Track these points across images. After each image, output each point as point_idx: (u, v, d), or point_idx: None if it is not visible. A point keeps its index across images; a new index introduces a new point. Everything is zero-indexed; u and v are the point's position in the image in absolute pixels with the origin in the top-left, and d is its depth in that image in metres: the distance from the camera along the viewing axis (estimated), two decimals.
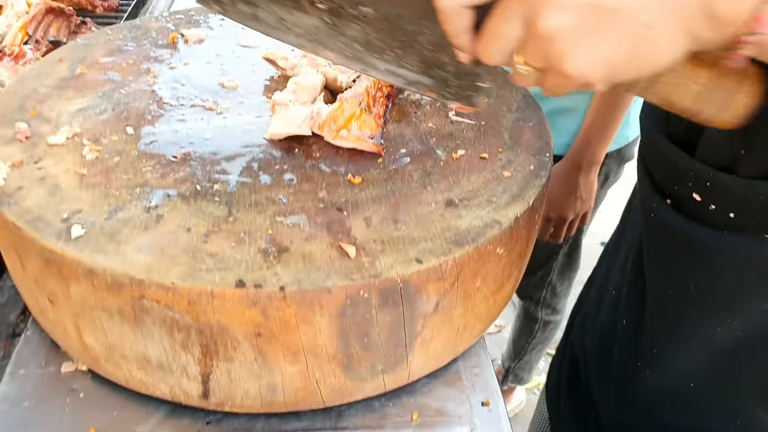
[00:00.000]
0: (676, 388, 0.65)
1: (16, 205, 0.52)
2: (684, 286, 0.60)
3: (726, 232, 0.54)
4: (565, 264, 1.31)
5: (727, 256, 0.55)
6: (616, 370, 0.73)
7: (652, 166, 0.63)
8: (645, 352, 0.67)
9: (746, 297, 0.56)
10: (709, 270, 0.57)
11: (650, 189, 0.62)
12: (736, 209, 0.53)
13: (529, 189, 0.58)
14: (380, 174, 0.59)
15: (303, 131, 0.60)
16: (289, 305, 0.46)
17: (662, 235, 0.62)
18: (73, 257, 0.47)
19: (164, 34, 0.81)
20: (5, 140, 0.59)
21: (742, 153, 0.51)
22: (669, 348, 0.64)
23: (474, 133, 0.66)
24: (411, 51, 0.52)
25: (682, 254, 0.59)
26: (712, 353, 0.60)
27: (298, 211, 0.54)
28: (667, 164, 0.59)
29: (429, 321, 0.52)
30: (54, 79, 0.70)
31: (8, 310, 0.67)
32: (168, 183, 0.55)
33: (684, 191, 0.57)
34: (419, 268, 0.48)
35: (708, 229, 0.55)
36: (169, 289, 0.46)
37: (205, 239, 0.50)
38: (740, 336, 0.58)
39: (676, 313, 0.62)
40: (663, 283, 0.63)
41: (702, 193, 0.55)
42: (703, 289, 0.58)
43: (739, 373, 0.60)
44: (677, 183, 0.58)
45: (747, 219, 0.53)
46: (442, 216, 0.54)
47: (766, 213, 0.51)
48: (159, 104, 0.67)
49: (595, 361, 0.79)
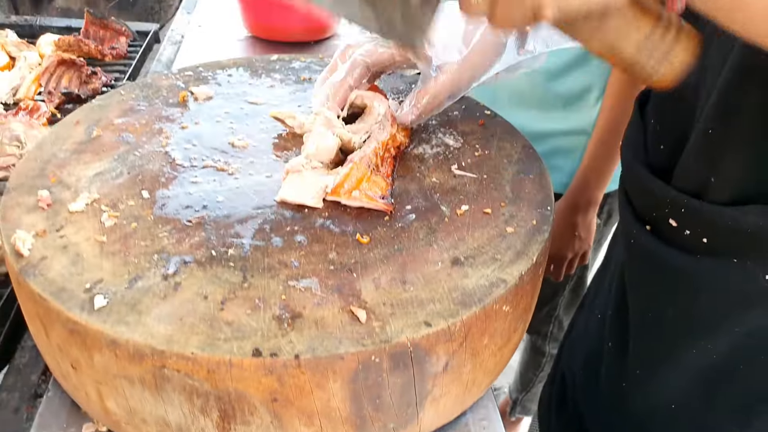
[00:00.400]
0: (659, 409, 0.68)
1: (41, 276, 0.54)
2: (662, 310, 0.63)
3: (700, 257, 0.57)
4: (571, 299, 1.33)
5: (701, 281, 0.58)
6: (603, 391, 0.76)
7: (632, 194, 0.67)
8: (630, 374, 0.70)
9: (719, 321, 0.59)
10: (685, 294, 0.60)
11: (631, 217, 0.65)
12: (708, 234, 0.56)
13: (532, 245, 0.60)
14: (387, 232, 0.61)
15: (316, 204, 0.63)
16: (304, 372, 0.48)
17: (642, 261, 0.65)
18: (96, 328, 0.50)
19: (174, 92, 0.84)
20: (28, 208, 0.62)
21: (711, 180, 0.55)
22: (651, 370, 0.67)
23: (476, 186, 0.69)
24: None
25: (660, 279, 0.62)
26: (690, 375, 0.63)
27: (309, 274, 0.56)
28: (645, 192, 0.63)
29: (439, 380, 0.54)
30: (72, 143, 0.72)
31: (30, 370, 0.69)
32: (184, 249, 0.58)
33: (662, 217, 0.60)
34: (428, 331, 0.50)
35: (684, 254, 0.59)
36: (189, 359, 0.48)
37: (221, 306, 0.52)
38: (715, 359, 0.60)
39: (656, 337, 0.65)
40: (643, 307, 0.66)
41: (677, 219, 0.58)
42: (679, 313, 0.61)
43: (716, 394, 0.62)
44: (655, 210, 0.61)
45: (718, 244, 0.56)
46: (449, 275, 0.56)
47: (735, 238, 0.54)
48: (172, 166, 0.69)
49: (584, 382, 0.82)
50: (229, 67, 0.91)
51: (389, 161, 0.67)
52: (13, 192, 0.64)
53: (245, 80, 0.88)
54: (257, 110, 0.81)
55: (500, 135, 0.78)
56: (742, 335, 0.58)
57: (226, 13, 1.58)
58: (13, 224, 0.60)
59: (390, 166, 0.67)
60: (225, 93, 0.85)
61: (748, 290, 0.56)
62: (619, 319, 0.72)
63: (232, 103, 0.82)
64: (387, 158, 0.67)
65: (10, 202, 0.63)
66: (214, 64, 0.93)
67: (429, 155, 0.73)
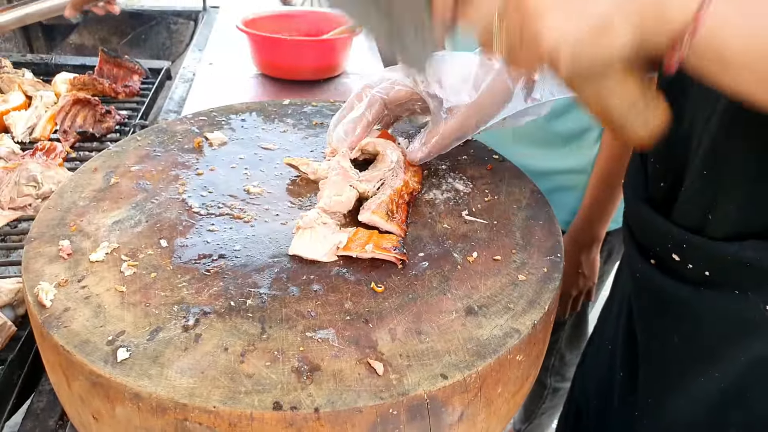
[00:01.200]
0: None
1: (64, 328, 0.55)
2: (669, 339, 0.65)
3: (703, 289, 0.60)
4: (573, 334, 1.34)
5: (704, 311, 0.61)
6: (615, 419, 0.78)
7: (635, 230, 0.70)
8: (640, 402, 0.72)
9: (724, 349, 0.60)
10: (689, 324, 0.62)
11: (635, 252, 0.68)
12: (709, 268, 0.59)
13: (544, 293, 0.61)
14: (401, 281, 0.63)
15: (328, 259, 0.64)
16: (323, 425, 0.49)
17: (648, 293, 0.68)
18: (119, 381, 0.51)
19: (189, 137, 0.86)
20: (50, 258, 0.63)
21: (709, 218, 0.57)
22: (661, 398, 0.69)
23: (487, 233, 0.70)
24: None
25: (666, 309, 0.65)
26: (699, 403, 0.65)
27: (326, 324, 0.57)
28: (648, 229, 0.66)
29: (454, 430, 0.54)
30: (90, 191, 0.74)
31: (47, 415, 0.69)
32: (203, 299, 0.59)
33: (664, 252, 0.63)
34: (445, 383, 0.51)
35: (688, 287, 0.61)
36: (211, 413, 0.49)
37: (241, 359, 0.53)
38: (722, 387, 0.62)
39: (665, 365, 0.67)
40: (651, 337, 0.69)
41: (680, 253, 0.61)
42: (685, 342, 0.64)
43: (726, 422, 0.63)
44: (658, 245, 0.64)
45: (719, 277, 0.58)
46: (464, 326, 0.57)
47: (735, 271, 0.57)
48: (189, 213, 0.71)
49: (597, 412, 0.84)
50: (243, 111, 0.94)
51: (403, 207, 0.69)
52: (34, 241, 0.66)
53: (258, 125, 0.90)
54: (271, 156, 0.83)
55: (508, 180, 0.79)
56: (747, 363, 0.60)
57: (236, 50, 1.62)
58: (35, 275, 0.61)
59: (404, 212, 0.69)
60: (239, 138, 0.87)
61: (750, 319, 0.58)
62: (629, 350, 0.74)
63: (246, 148, 0.84)
64: (401, 204, 0.69)
65: (32, 252, 0.64)
66: (227, 108, 0.96)
67: (440, 201, 0.75)
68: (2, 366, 0.72)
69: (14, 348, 0.74)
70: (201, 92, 1.42)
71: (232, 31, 1.53)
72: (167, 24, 2.04)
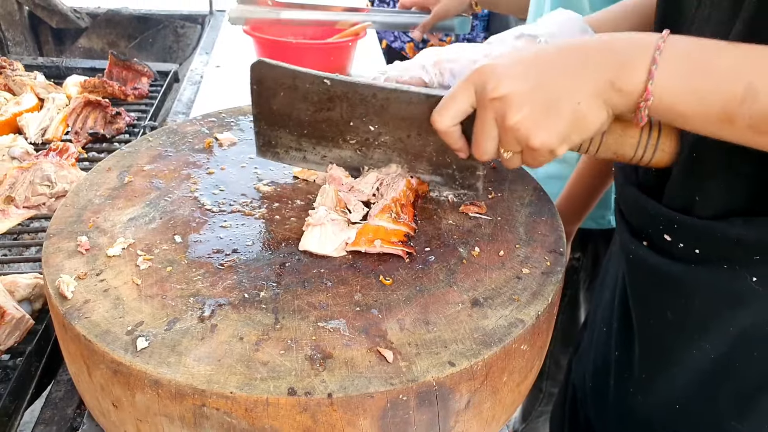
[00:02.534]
0: (664, 410, 0.72)
1: (85, 319, 0.57)
2: (663, 315, 0.69)
3: (693, 266, 0.64)
4: (563, 338, 1.35)
5: (696, 286, 0.64)
6: (612, 399, 0.81)
7: (628, 214, 0.73)
8: (636, 378, 0.75)
9: (715, 321, 0.64)
10: (682, 299, 0.66)
11: (628, 234, 0.72)
12: (699, 246, 0.63)
13: (547, 285, 0.63)
14: (409, 274, 0.65)
15: (337, 254, 0.67)
16: (336, 410, 0.51)
17: (641, 272, 0.71)
18: (140, 369, 0.53)
19: (200, 138, 0.89)
20: (69, 253, 0.66)
21: (696, 199, 0.62)
22: (655, 372, 0.72)
23: (491, 228, 0.72)
24: (422, 158, 0.74)
25: (659, 286, 0.68)
26: (691, 375, 0.68)
27: (337, 315, 0.59)
28: (639, 211, 0.70)
29: (461, 416, 0.56)
30: (105, 189, 0.76)
31: (65, 404, 0.72)
32: (218, 292, 0.61)
33: (656, 233, 0.67)
34: (452, 370, 0.53)
35: (679, 264, 0.65)
36: (228, 398, 0.51)
37: (256, 348, 0.55)
38: (713, 358, 0.65)
39: (658, 340, 0.71)
40: (645, 314, 0.72)
41: (671, 233, 0.65)
42: (678, 316, 0.67)
43: (716, 391, 0.67)
44: (650, 227, 0.68)
45: (709, 253, 0.63)
46: (470, 316, 0.59)
47: (724, 247, 0.61)
48: (202, 211, 0.73)
49: (593, 393, 0.87)
50: (251, 113, 0.95)
51: (409, 208, 0.71)
52: (53, 237, 0.68)
53: None
54: None
55: (511, 178, 0.81)
56: (735, 333, 0.63)
57: (242, 53, 1.64)
58: (56, 269, 0.63)
59: (410, 212, 0.71)
60: (248, 139, 0.89)
61: (738, 292, 0.61)
62: (624, 329, 0.77)
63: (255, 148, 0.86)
64: (406, 205, 0.71)
65: (51, 248, 0.67)
66: (236, 110, 0.98)
67: (444, 199, 0.77)
68: (21, 357, 0.74)
69: (32, 340, 0.76)
70: (209, 94, 1.44)
71: (239, 35, 1.55)
72: (174, 28, 2.07)
